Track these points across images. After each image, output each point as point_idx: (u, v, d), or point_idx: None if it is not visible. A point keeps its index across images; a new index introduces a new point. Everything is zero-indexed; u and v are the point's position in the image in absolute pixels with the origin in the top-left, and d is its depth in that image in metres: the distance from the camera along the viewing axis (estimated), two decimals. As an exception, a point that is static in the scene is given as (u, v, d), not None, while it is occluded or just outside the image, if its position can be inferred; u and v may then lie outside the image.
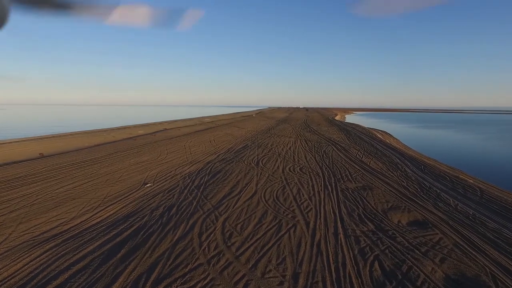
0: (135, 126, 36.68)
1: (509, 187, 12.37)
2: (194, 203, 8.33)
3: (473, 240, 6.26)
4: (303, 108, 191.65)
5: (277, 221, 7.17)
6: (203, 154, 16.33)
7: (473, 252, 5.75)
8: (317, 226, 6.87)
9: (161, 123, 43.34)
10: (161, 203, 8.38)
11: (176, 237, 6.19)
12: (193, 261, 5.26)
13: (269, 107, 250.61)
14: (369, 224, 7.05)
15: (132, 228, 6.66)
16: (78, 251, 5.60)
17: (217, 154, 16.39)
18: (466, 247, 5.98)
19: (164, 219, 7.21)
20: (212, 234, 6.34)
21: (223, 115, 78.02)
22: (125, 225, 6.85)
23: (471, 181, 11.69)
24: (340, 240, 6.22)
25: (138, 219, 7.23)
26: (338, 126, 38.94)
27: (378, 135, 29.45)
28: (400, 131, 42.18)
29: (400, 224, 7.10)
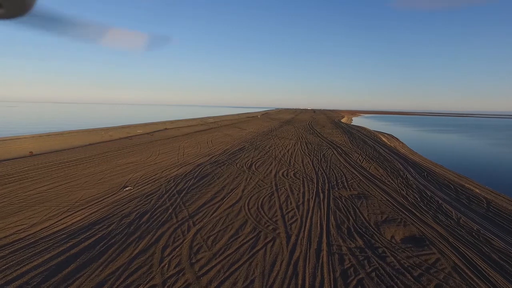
0: (136, 125, 36.32)
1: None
2: (170, 210, 7.67)
3: (475, 263, 5.46)
4: (311, 110, 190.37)
5: (255, 233, 6.45)
6: (196, 155, 15.70)
7: (475, 279, 4.95)
8: (299, 241, 6.14)
9: (163, 122, 42.96)
10: (135, 209, 7.74)
11: (136, 251, 5.53)
12: (146, 281, 4.58)
13: (277, 109, 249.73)
14: (358, 239, 6.29)
15: (93, 238, 6.03)
16: (22, 265, 4.98)
17: (211, 156, 15.74)
18: (467, 271, 5.18)
19: (131, 228, 6.56)
20: (178, 248, 5.66)
21: (228, 115, 77.52)
22: (87, 234, 6.22)
23: (477, 190, 10.79)
24: (322, 258, 5.48)
25: (104, 227, 6.60)
26: (342, 128, 37.99)
27: (383, 139, 28.46)
28: (408, 135, 41.01)
29: (393, 241, 6.31)
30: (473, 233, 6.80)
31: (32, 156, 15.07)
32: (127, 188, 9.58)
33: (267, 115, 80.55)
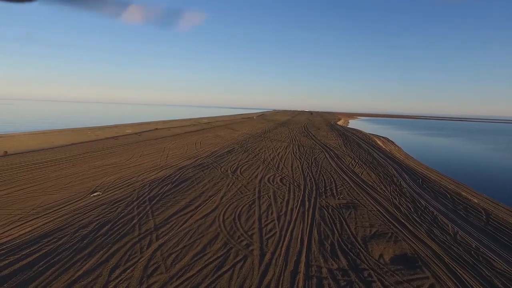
0: (127, 125, 35.43)
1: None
2: (135, 221, 6.86)
3: (475, 290, 4.71)
4: (308, 112, 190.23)
5: (225, 250, 5.67)
6: (180, 158, 14.89)
7: (474, 312, 4.19)
8: (274, 260, 5.35)
9: (155, 122, 42.07)
10: (96, 218, 6.93)
11: (80, 272, 4.72)
12: (78, 315, 3.78)
13: (274, 110, 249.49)
14: (342, 259, 5.52)
15: (36, 255, 5.21)
16: None
17: (196, 158, 14.94)
18: (465, 301, 4.43)
19: (84, 242, 5.75)
20: (130, 269, 4.86)
21: (223, 116, 76.73)
22: (31, 249, 5.41)
23: (475, 200, 10.07)
24: (298, 283, 4.70)
25: (54, 240, 5.78)
26: (338, 131, 37.31)
27: (379, 142, 27.78)
28: (404, 138, 40.42)
29: (381, 261, 5.54)
30: (472, 252, 6.06)
31: (5, 156, 14.20)
32: (95, 194, 8.76)
33: (263, 116, 79.81)
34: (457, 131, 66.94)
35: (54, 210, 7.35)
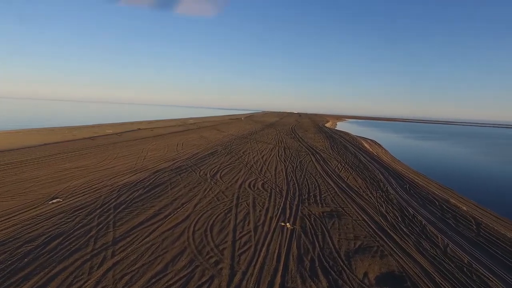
0: (108, 125, 34.19)
1: (507, 210, 10.59)
2: (92, 232, 6.08)
3: (470, 318, 4.13)
4: (297, 113, 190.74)
5: (190, 269, 4.95)
6: (158, 160, 14.06)
7: None
8: (244, 282, 4.68)
9: (139, 122, 40.85)
10: (49, 230, 6.11)
11: (8, 301, 3.93)
12: None
13: (263, 111, 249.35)
14: (322, 279, 4.88)
15: (-38, 278, 4.38)
16: None
17: (175, 161, 14.14)
18: (460, 332, 3.84)
19: (25, 260, 4.94)
20: (71, 296, 4.10)
21: (211, 117, 75.72)
22: (-42, 270, 4.57)
23: (464, 208, 9.63)
24: (269, 311, 4.03)
25: (-10, 258, 4.95)
26: (325, 133, 36.96)
27: (366, 145, 27.46)
28: (391, 141, 40.35)
29: (366, 281, 4.93)
30: (464, 268, 5.52)
31: (-34, 156, 13.09)
32: (55, 200, 7.90)
33: (251, 117, 79.15)
34: (445, 135, 67.73)
35: (1, 221, 6.48)
